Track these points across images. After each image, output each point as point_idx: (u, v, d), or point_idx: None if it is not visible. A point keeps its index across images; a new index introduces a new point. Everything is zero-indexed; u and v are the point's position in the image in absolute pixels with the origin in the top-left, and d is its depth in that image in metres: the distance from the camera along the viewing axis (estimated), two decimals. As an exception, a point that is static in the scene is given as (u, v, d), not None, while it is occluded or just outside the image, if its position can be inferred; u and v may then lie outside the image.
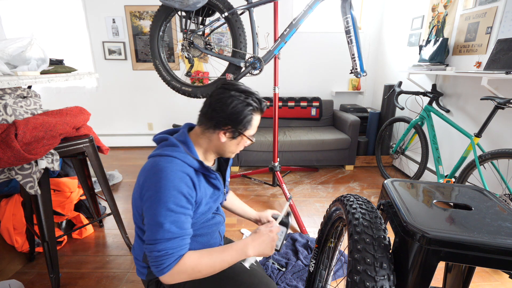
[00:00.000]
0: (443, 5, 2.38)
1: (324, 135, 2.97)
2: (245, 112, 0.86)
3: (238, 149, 0.94)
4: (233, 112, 0.85)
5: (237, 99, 0.85)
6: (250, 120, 0.88)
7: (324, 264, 1.10)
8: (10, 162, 1.14)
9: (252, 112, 0.87)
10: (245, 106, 0.86)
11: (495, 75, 1.67)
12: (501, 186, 1.83)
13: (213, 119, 0.86)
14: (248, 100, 0.86)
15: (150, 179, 0.78)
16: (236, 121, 0.86)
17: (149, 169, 0.80)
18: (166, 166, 0.77)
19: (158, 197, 0.75)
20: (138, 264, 0.96)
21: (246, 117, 0.86)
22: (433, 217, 0.65)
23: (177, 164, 0.79)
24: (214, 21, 1.74)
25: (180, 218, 0.77)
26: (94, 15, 3.40)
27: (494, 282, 1.54)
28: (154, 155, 0.84)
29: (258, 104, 0.88)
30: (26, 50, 1.30)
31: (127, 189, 2.64)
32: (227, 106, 0.84)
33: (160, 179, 0.76)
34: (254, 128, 0.91)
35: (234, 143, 0.90)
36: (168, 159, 0.79)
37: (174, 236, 0.75)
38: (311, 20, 3.47)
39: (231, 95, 0.85)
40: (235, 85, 0.89)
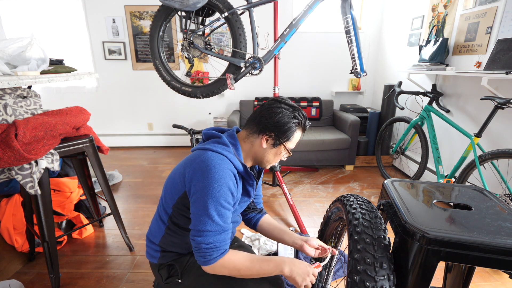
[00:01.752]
0: (443, 5, 2.38)
1: (324, 135, 2.97)
2: (290, 123, 0.92)
3: (275, 160, 0.98)
4: (279, 121, 0.91)
5: (285, 110, 0.92)
6: (293, 133, 0.93)
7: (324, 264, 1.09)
8: (10, 162, 1.14)
9: (296, 126, 0.93)
10: (291, 118, 0.92)
11: (495, 75, 1.67)
12: (501, 186, 1.83)
13: (260, 124, 0.93)
14: (295, 113, 0.93)
15: (201, 171, 0.82)
16: (281, 129, 0.91)
17: (200, 162, 0.83)
18: (219, 163, 0.82)
19: (210, 191, 0.80)
20: (151, 247, 0.99)
21: (290, 128, 0.92)
22: (433, 217, 0.65)
23: (227, 163, 0.85)
24: (214, 21, 1.74)
25: (226, 213, 0.83)
26: (94, 15, 3.40)
27: (494, 282, 1.54)
28: (204, 148, 0.88)
29: (303, 120, 0.95)
30: (26, 50, 1.30)
31: (127, 189, 2.64)
32: (276, 114, 0.91)
33: (213, 174, 0.80)
34: (294, 142, 0.96)
35: (273, 152, 0.95)
36: (220, 157, 0.84)
37: (221, 229, 0.81)
38: (311, 20, 3.47)
39: (281, 106, 0.93)
40: (286, 100, 0.96)
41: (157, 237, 0.96)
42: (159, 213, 0.97)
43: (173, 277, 0.96)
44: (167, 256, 0.96)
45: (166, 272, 0.97)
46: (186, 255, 0.98)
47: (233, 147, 0.92)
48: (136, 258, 1.70)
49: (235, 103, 3.76)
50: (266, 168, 1.02)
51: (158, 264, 0.98)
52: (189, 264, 0.96)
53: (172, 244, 0.95)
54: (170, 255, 0.96)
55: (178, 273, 0.95)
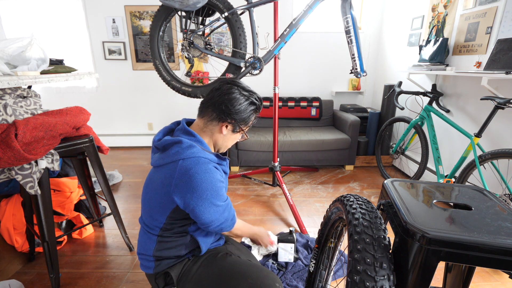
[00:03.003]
0: (443, 5, 2.38)
1: (324, 135, 2.97)
2: (248, 110, 0.96)
3: (231, 144, 1.04)
4: (239, 109, 0.94)
5: (244, 96, 0.95)
6: (251, 118, 0.98)
7: (324, 264, 1.10)
8: (10, 162, 1.14)
9: (253, 111, 0.98)
10: (249, 105, 0.96)
11: (495, 75, 1.67)
12: (501, 186, 1.83)
13: (219, 112, 0.94)
14: (252, 99, 0.96)
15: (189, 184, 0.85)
16: (240, 117, 0.95)
17: (180, 176, 0.85)
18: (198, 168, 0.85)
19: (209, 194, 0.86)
20: (144, 259, 0.98)
21: (249, 115, 0.97)
22: (433, 217, 0.65)
23: (203, 162, 0.87)
24: (214, 21, 1.74)
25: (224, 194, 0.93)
26: (94, 15, 3.40)
27: (494, 282, 1.54)
28: (173, 161, 0.88)
29: (259, 104, 0.99)
30: (26, 50, 1.30)
31: (127, 189, 2.64)
32: (235, 101, 0.93)
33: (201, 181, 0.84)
34: (250, 125, 1.03)
35: (232, 138, 1.00)
36: (194, 160, 0.86)
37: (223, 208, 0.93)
38: (311, 20, 3.47)
39: (239, 93, 0.95)
40: (241, 84, 0.98)
41: (150, 248, 0.95)
42: (146, 228, 0.96)
43: (170, 285, 0.96)
44: (162, 264, 0.95)
45: (163, 281, 0.97)
46: (182, 260, 0.97)
47: (197, 143, 0.92)
48: (136, 258, 1.70)
49: (235, 103, 3.75)
50: (222, 152, 1.06)
51: (155, 274, 0.97)
52: (185, 271, 0.95)
53: (166, 250, 0.94)
54: (166, 262, 0.95)
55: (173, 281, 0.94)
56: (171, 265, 0.96)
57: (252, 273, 0.92)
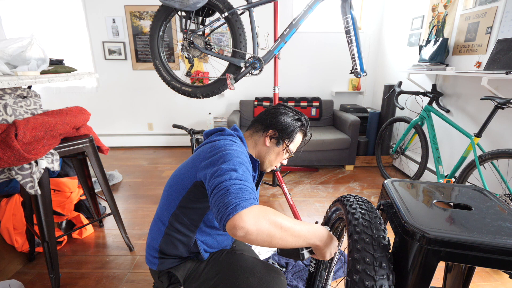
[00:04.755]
0: (443, 5, 2.38)
1: (324, 135, 2.97)
2: (293, 125, 0.98)
3: (276, 161, 1.02)
4: (284, 121, 0.97)
5: (290, 112, 1.00)
6: (295, 134, 0.99)
7: (324, 264, 1.10)
8: (10, 162, 1.14)
9: (299, 128, 1.00)
10: (295, 121, 0.99)
11: (495, 75, 1.67)
12: (501, 186, 1.83)
13: (265, 123, 0.99)
14: (299, 116, 1.01)
15: (215, 150, 0.82)
16: (284, 129, 0.97)
17: (210, 147, 0.85)
18: (232, 143, 0.85)
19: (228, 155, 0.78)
20: (150, 252, 0.98)
21: (293, 130, 0.98)
22: (433, 217, 0.65)
23: (239, 145, 0.87)
24: (214, 21, 1.74)
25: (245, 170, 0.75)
26: (94, 15, 3.40)
27: (494, 282, 1.54)
28: (210, 140, 0.90)
29: (306, 124, 1.02)
30: (26, 50, 1.30)
31: (127, 189, 2.64)
32: (281, 115, 0.98)
33: (229, 150, 0.80)
34: (296, 145, 1.02)
35: (276, 151, 1.00)
36: (230, 142, 0.86)
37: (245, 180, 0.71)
38: (311, 20, 3.47)
39: (286, 109, 1.01)
40: (291, 107, 1.05)
41: (157, 239, 0.95)
42: (159, 215, 0.96)
43: (175, 284, 0.96)
44: (166, 262, 0.95)
45: (167, 280, 0.97)
46: (185, 261, 0.97)
47: (238, 138, 0.95)
48: (136, 258, 1.70)
49: (235, 103, 3.76)
50: (266, 171, 1.04)
51: (158, 271, 0.97)
52: (191, 271, 0.96)
53: (172, 246, 0.94)
54: (169, 261, 0.95)
55: (179, 281, 0.95)
56: (175, 265, 0.96)
57: (259, 268, 0.96)
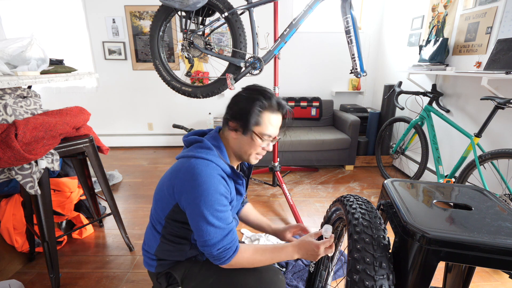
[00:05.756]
0: (443, 5, 2.38)
1: (324, 135, 2.97)
2: (251, 107, 0.86)
3: (254, 150, 0.91)
4: (241, 108, 0.87)
5: (245, 95, 0.88)
6: (258, 116, 0.87)
7: (324, 264, 1.10)
8: (10, 162, 1.14)
9: (258, 108, 0.86)
10: (252, 102, 0.86)
11: (495, 75, 1.67)
12: (501, 186, 1.83)
13: (227, 114, 0.91)
14: (255, 95, 0.87)
15: (189, 182, 0.81)
16: (243, 116, 0.86)
17: (185, 171, 0.83)
18: (205, 170, 0.81)
19: (203, 201, 0.79)
20: (147, 256, 0.98)
21: (250, 112, 0.86)
22: (433, 217, 0.65)
23: (213, 167, 0.83)
24: (214, 21, 1.74)
25: (225, 215, 0.82)
26: (94, 15, 3.40)
27: (494, 282, 1.54)
28: (187, 156, 0.87)
29: (267, 100, 0.87)
30: (26, 50, 1.30)
31: (127, 189, 2.64)
32: (237, 102, 0.89)
33: (201, 183, 0.79)
34: (267, 126, 0.88)
35: (246, 142, 0.89)
36: (205, 162, 0.83)
37: (225, 231, 0.82)
38: (311, 20, 3.47)
39: (241, 93, 0.90)
40: (251, 86, 0.91)
41: (153, 246, 0.95)
42: (153, 223, 0.96)
43: (173, 285, 0.96)
44: (164, 264, 0.96)
45: (165, 281, 0.97)
46: (183, 262, 0.97)
47: (217, 149, 0.89)
48: (136, 258, 1.70)
49: (235, 103, 3.75)
50: (252, 163, 0.96)
51: (156, 273, 0.97)
52: (189, 271, 0.96)
53: (168, 253, 0.94)
54: (167, 263, 0.96)
55: (177, 281, 0.95)
56: (173, 265, 0.96)
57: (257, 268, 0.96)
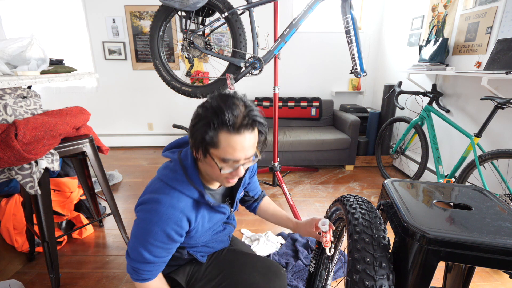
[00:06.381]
0: (443, 5, 2.38)
1: (324, 135, 2.97)
2: (202, 128, 0.71)
3: (219, 175, 0.77)
4: (193, 127, 0.74)
5: (200, 115, 0.72)
6: (214, 137, 0.71)
7: (324, 264, 1.10)
8: (10, 162, 1.14)
9: (215, 130, 0.70)
10: (204, 124, 0.71)
11: (495, 75, 1.67)
12: (501, 186, 1.83)
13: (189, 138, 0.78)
14: (209, 117, 0.70)
15: (146, 204, 0.78)
16: (195, 137, 0.73)
17: (150, 192, 0.80)
18: (162, 201, 0.76)
19: (143, 226, 0.76)
20: None
21: (204, 134, 0.71)
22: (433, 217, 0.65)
23: (173, 198, 0.76)
24: (214, 21, 1.74)
25: (156, 250, 0.78)
26: (94, 15, 3.40)
27: (494, 282, 1.53)
28: (158, 177, 0.83)
29: (222, 119, 0.69)
30: (26, 50, 1.30)
31: (127, 189, 2.64)
32: (192, 120, 0.75)
33: (152, 211, 0.76)
34: (226, 149, 0.71)
35: (208, 164, 0.76)
36: (167, 191, 0.78)
37: (146, 261, 0.78)
38: (311, 20, 3.47)
39: (199, 107, 0.75)
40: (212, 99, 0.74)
41: None
42: None
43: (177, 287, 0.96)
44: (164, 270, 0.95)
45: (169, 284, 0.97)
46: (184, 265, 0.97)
47: (185, 171, 0.80)
48: (136, 258, 1.70)
49: (235, 103, 3.75)
50: (226, 186, 0.82)
51: None
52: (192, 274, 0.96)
53: None
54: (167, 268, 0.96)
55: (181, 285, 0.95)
56: (173, 269, 0.96)
57: (260, 264, 0.98)
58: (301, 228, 0.98)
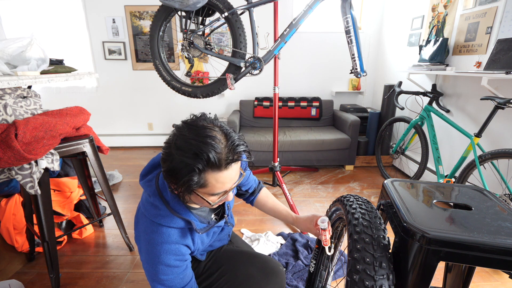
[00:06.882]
0: (443, 5, 2.38)
1: (324, 135, 2.97)
2: (186, 177, 0.64)
3: (203, 204, 0.74)
4: (175, 176, 0.66)
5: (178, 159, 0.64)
6: (198, 181, 0.65)
7: (324, 264, 1.10)
8: (10, 162, 1.14)
9: (199, 174, 0.64)
10: (187, 171, 0.64)
11: (495, 75, 1.67)
12: (501, 186, 1.83)
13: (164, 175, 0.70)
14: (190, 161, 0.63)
15: (141, 244, 0.79)
16: (181, 184, 0.66)
17: (141, 231, 0.79)
18: (154, 241, 0.75)
19: (149, 267, 0.77)
20: None
21: (189, 181, 0.64)
22: (433, 217, 0.65)
23: (163, 235, 0.75)
24: (214, 21, 1.74)
25: (173, 280, 0.78)
26: (94, 15, 3.40)
27: (494, 282, 1.53)
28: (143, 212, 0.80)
29: (206, 161, 0.63)
30: (26, 50, 1.30)
31: (127, 189, 2.64)
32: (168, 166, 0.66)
33: (149, 252, 0.77)
34: (215, 186, 0.68)
35: (195, 199, 0.72)
36: (155, 229, 0.76)
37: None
38: (311, 20, 3.47)
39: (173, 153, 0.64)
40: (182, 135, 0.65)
41: None
42: None
43: None
44: None
45: None
46: None
47: (166, 204, 0.76)
48: (136, 258, 1.70)
49: (235, 103, 3.76)
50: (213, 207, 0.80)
51: None
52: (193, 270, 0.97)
53: None
54: None
55: None
56: None
57: (258, 259, 0.99)
58: (301, 223, 0.98)
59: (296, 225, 1.01)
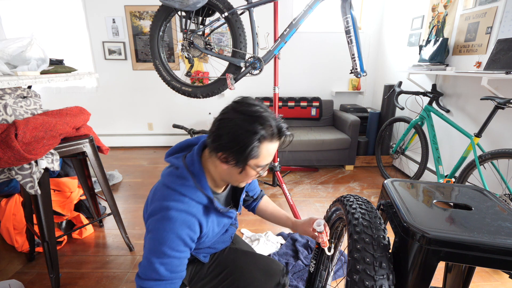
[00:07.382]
0: (443, 5, 2.38)
1: (324, 135, 2.97)
2: (248, 141, 0.71)
3: (246, 179, 0.82)
4: (234, 139, 0.72)
5: (241, 124, 0.72)
6: (256, 149, 0.73)
7: (324, 264, 1.10)
8: (10, 162, 1.14)
9: (259, 141, 0.72)
10: (251, 135, 0.71)
11: (495, 75, 1.67)
12: (501, 186, 1.83)
13: (215, 142, 0.75)
14: (254, 126, 0.71)
15: (156, 214, 0.76)
16: (237, 149, 0.72)
17: (157, 202, 0.77)
18: (173, 207, 0.74)
19: (157, 236, 0.74)
20: None
21: (248, 146, 0.71)
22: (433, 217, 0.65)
23: (184, 204, 0.75)
24: (214, 21, 1.74)
25: (172, 262, 0.75)
26: (94, 15, 3.40)
27: (494, 282, 1.53)
28: (164, 183, 0.80)
29: (268, 131, 0.73)
30: (26, 50, 1.30)
31: (127, 189, 2.64)
32: (229, 131, 0.72)
33: (164, 219, 0.73)
34: (266, 157, 0.76)
35: (237, 172, 0.77)
36: (176, 197, 0.76)
37: (161, 278, 0.74)
38: (311, 20, 3.47)
39: (235, 118, 0.73)
40: (246, 105, 0.75)
41: None
42: None
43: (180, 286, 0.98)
44: None
45: None
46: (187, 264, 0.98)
47: (194, 178, 0.79)
48: (136, 258, 1.70)
49: (235, 103, 3.75)
50: (240, 187, 0.87)
51: None
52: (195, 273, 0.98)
53: None
54: None
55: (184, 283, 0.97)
56: None
57: (261, 261, 1.01)
58: (299, 227, 0.99)
59: (295, 229, 1.01)
